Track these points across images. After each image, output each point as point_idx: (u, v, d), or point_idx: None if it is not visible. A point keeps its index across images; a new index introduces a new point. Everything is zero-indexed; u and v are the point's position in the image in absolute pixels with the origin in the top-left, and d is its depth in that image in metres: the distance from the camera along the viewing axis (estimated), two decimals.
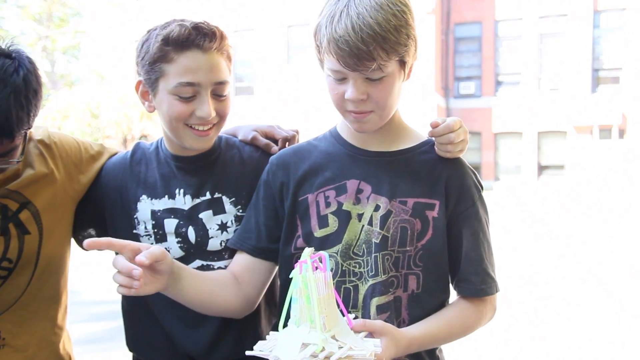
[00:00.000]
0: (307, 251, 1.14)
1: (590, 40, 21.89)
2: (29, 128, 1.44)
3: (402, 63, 1.33)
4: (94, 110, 21.15)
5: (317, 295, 1.09)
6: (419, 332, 1.32)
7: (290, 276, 1.16)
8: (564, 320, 5.71)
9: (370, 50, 1.23)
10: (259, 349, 1.10)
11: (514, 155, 23.22)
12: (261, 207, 1.50)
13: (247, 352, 1.10)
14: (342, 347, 1.07)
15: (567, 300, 6.48)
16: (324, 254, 1.14)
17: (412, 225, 1.38)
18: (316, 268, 1.13)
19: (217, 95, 1.52)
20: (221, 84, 1.51)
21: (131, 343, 1.68)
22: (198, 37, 1.46)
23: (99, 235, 1.69)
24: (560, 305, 6.29)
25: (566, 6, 22.01)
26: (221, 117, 1.55)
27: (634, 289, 6.91)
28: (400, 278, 1.37)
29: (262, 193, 1.52)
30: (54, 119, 21.21)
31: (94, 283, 7.01)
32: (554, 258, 8.90)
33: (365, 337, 1.17)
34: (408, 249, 1.37)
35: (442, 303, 1.44)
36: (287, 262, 1.44)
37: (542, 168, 23.03)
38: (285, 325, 1.13)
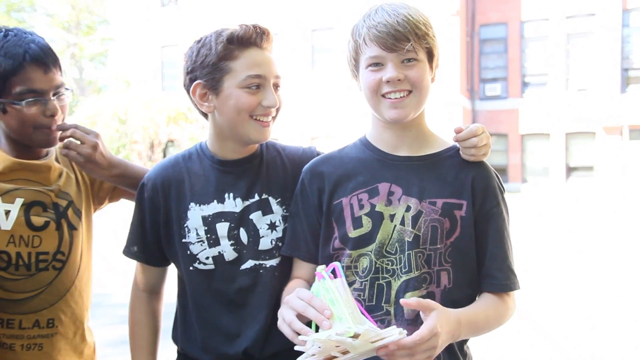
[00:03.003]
0: (321, 267, 1.29)
1: (619, 40, 21.57)
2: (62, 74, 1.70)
3: (430, 57, 1.48)
4: (121, 116, 21.51)
5: (340, 297, 1.22)
6: (462, 310, 1.40)
7: (312, 290, 1.28)
8: (592, 324, 5.63)
9: (405, 32, 1.40)
10: (299, 348, 1.21)
11: (542, 157, 22.96)
12: (302, 216, 1.59)
13: (296, 348, 1.21)
14: (370, 331, 1.17)
15: (597, 303, 6.39)
16: (336, 264, 1.29)
17: (442, 224, 1.46)
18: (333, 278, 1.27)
19: (276, 87, 1.64)
20: (279, 77, 1.65)
21: (185, 343, 1.72)
22: (257, 36, 1.61)
23: (141, 251, 1.74)
24: (589, 308, 6.21)
25: (594, 5, 21.73)
26: (278, 110, 1.66)
27: None
28: (432, 274, 1.45)
29: (300, 203, 1.60)
30: (83, 125, 21.56)
31: (125, 286, 7.11)
32: (584, 262, 8.79)
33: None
34: (439, 246, 1.45)
35: (470, 297, 1.50)
36: (326, 262, 1.51)
37: (570, 170, 22.73)
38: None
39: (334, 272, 1.29)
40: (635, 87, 21.66)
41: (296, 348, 1.20)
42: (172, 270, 1.78)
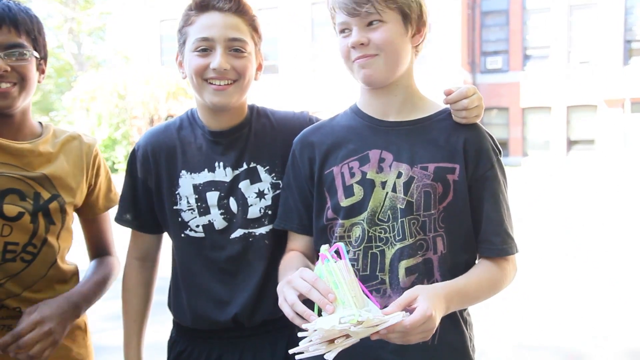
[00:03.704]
0: (324, 247, 1.26)
1: (622, 11, 21.33)
2: (36, 39, 1.59)
3: (405, 17, 1.42)
4: (120, 91, 21.39)
5: (343, 280, 1.20)
6: (451, 283, 1.38)
7: (315, 271, 1.25)
8: (591, 299, 5.67)
9: None
10: (303, 334, 1.18)
11: (543, 131, 22.90)
12: (294, 188, 1.58)
13: (299, 334, 1.19)
14: (372, 319, 1.15)
15: (598, 278, 6.42)
16: (340, 245, 1.26)
17: (435, 189, 1.43)
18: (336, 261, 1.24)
19: (235, 51, 1.59)
20: (236, 40, 1.59)
21: (177, 311, 1.73)
22: (215, 0, 1.58)
23: (133, 219, 1.73)
24: (589, 284, 6.24)
25: None
26: (240, 74, 1.60)
27: None
28: (429, 241, 1.43)
29: (292, 175, 1.59)
30: (82, 101, 21.50)
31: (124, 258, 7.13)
32: (584, 235, 8.81)
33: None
34: (432, 212, 1.43)
35: (467, 262, 1.49)
36: (320, 234, 1.52)
37: (571, 143, 22.69)
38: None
39: (337, 253, 1.26)
40: (638, 60, 21.49)
41: (300, 334, 1.18)
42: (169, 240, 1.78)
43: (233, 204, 1.65)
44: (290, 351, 1.19)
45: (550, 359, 4.24)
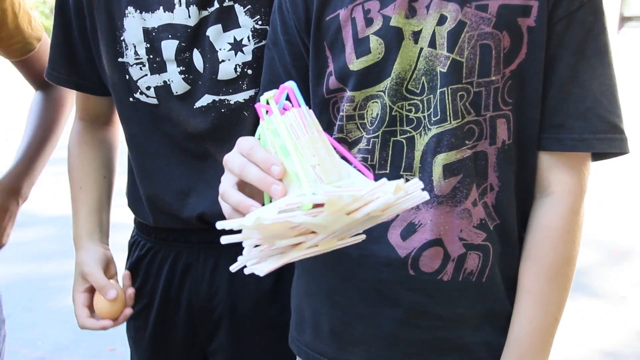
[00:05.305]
0: (267, 94, 0.75)
1: None
2: None
3: None
4: None
5: (294, 142, 0.70)
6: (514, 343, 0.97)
7: (257, 136, 0.78)
8: (635, 192, 5.35)
9: None
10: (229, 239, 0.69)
11: None
12: (283, 44, 1.08)
13: (223, 241, 0.69)
14: (340, 194, 0.63)
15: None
16: (288, 85, 0.75)
17: (498, 41, 0.91)
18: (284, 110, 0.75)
19: None
20: None
21: (133, 202, 1.37)
22: None
23: (71, 74, 1.30)
24: (634, 173, 5.88)
25: None
26: None
27: None
28: (484, 125, 0.94)
29: (279, 24, 1.09)
30: None
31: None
32: (634, 120, 8.29)
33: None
34: (493, 78, 0.92)
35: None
36: (319, 111, 1.04)
37: (624, 20, 21.28)
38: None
39: (289, 99, 0.77)
40: None
41: (223, 241, 0.69)
42: None
43: (197, 58, 1.20)
44: (231, 268, 0.76)
45: (592, 255, 4.05)
